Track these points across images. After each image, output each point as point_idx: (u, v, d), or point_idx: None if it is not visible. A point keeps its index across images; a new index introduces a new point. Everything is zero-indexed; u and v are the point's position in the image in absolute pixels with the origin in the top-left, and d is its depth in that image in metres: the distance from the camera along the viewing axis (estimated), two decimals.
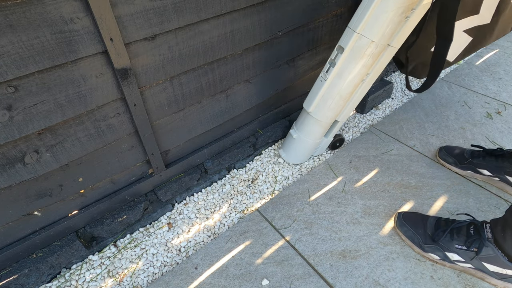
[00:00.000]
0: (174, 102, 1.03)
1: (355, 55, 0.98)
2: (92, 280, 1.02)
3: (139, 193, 1.13)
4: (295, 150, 1.32)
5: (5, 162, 0.78)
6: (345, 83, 1.05)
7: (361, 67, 1.00)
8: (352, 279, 0.95)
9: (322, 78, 1.08)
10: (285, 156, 1.38)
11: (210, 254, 1.04)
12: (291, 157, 1.36)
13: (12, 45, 0.66)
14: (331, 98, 1.10)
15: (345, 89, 1.07)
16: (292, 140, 1.30)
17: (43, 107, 0.77)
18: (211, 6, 0.92)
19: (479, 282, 0.93)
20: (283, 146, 1.39)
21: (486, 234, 0.88)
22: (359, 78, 1.04)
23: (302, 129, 1.26)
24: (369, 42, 0.94)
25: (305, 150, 1.31)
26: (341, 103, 1.12)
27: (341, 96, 1.09)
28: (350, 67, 1.01)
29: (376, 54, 0.98)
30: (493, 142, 1.39)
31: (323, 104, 1.13)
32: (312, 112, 1.17)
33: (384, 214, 1.12)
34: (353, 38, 0.96)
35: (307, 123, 1.22)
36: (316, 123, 1.20)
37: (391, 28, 0.92)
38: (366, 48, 0.96)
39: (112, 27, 0.76)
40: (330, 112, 1.14)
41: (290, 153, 1.35)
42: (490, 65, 1.97)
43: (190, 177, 1.22)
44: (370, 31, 0.93)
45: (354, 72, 1.02)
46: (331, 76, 1.05)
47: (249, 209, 1.22)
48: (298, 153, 1.33)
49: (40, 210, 0.93)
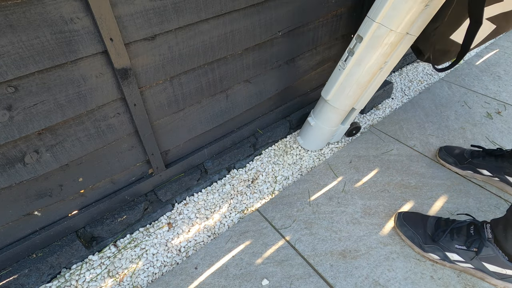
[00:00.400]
0: (174, 102, 1.03)
1: (374, 44, 0.99)
2: (92, 280, 1.02)
3: (139, 193, 1.13)
4: (313, 137, 1.35)
5: (5, 162, 0.78)
6: (363, 72, 1.06)
7: (379, 56, 1.01)
8: (352, 279, 0.95)
9: (341, 67, 1.10)
10: (303, 143, 1.41)
11: (210, 254, 1.04)
12: (309, 144, 1.39)
13: (12, 45, 0.66)
14: (349, 87, 1.11)
15: (363, 77, 1.08)
16: (310, 127, 1.33)
17: (43, 107, 0.77)
18: (211, 6, 0.92)
19: (479, 282, 0.93)
20: (301, 133, 1.42)
21: (486, 234, 0.88)
22: (377, 66, 1.05)
23: (319, 117, 1.28)
24: (388, 31, 0.95)
25: (323, 137, 1.35)
26: (358, 91, 1.13)
27: (359, 84, 1.10)
28: (369, 56, 1.02)
29: (395, 43, 0.99)
30: (493, 142, 1.39)
31: (341, 92, 1.14)
32: (330, 100, 1.19)
33: (384, 214, 1.12)
34: (372, 28, 0.96)
35: (325, 110, 1.24)
36: (333, 111, 1.22)
37: (411, 17, 0.92)
38: (385, 37, 0.96)
39: (112, 27, 0.76)
40: (348, 100, 1.16)
41: (308, 140, 1.38)
42: (490, 65, 1.97)
43: (190, 177, 1.22)
44: (389, 20, 0.93)
45: (373, 60, 1.03)
46: (350, 65, 1.06)
47: (249, 209, 1.22)
48: (316, 140, 1.36)
49: (40, 210, 0.93)
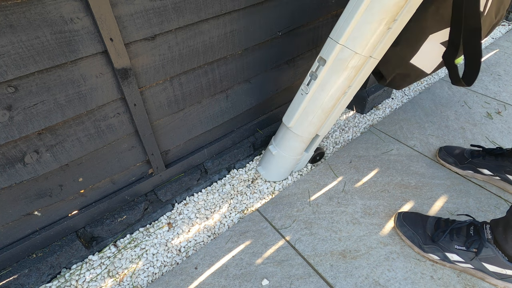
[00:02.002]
0: (174, 102, 1.03)
1: (337, 68, 0.95)
2: (92, 280, 1.02)
3: (139, 193, 1.13)
4: (275, 166, 1.26)
5: (5, 162, 0.78)
6: (327, 97, 1.01)
7: (344, 80, 0.97)
8: (352, 279, 0.95)
9: (303, 91, 1.04)
10: (264, 174, 1.31)
11: (210, 254, 1.04)
12: (271, 174, 1.30)
13: (12, 45, 0.66)
14: (312, 112, 1.06)
15: (327, 103, 1.03)
16: (271, 156, 1.24)
17: (43, 107, 0.77)
18: (211, 6, 0.92)
19: (479, 282, 0.93)
20: (262, 163, 1.32)
21: (486, 235, 0.88)
22: (341, 91, 1.01)
23: (281, 145, 1.20)
24: (353, 54, 0.91)
25: (285, 167, 1.26)
26: (322, 117, 1.08)
27: (323, 110, 1.05)
28: (333, 79, 0.97)
29: (359, 66, 0.95)
30: (493, 142, 1.39)
31: (304, 119, 1.08)
32: (293, 127, 1.12)
33: (384, 214, 1.12)
34: (336, 50, 0.92)
35: (287, 138, 1.17)
36: (296, 139, 1.15)
37: (374, 39, 0.89)
38: (349, 60, 0.93)
39: (112, 27, 0.76)
40: (311, 126, 1.10)
41: (269, 170, 1.29)
42: (490, 65, 1.97)
43: (190, 177, 1.22)
44: (353, 42, 0.90)
45: (337, 84, 0.98)
46: (313, 89, 1.01)
47: (249, 209, 1.22)
48: (278, 170, 1.27)
49: (40, 210, 0.93)
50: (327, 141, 1.51)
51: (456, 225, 0.94)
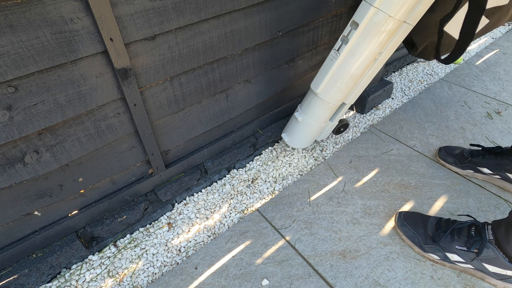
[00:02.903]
0: (174, 102, 1.03)
1: (370, 31, 0.94)
2: (92, 280, 1.02)
3: (139, 193, 1.13)
4: (299, 133, 1.27)
5: (5, 162, 0.78)
6: (357, 62, 1.00)
7: (375, 45, 0.96)
8: (352, 279, 0.95)
9: (333, 56, 1.03)
10: (288, 140, 1.33)
11: (210, 254, 1.04)
12: (295, 141, 1.31)
13: (12, 45, 0.66)
14: (341, 78, 1.05)
15: (357, 69, 1.02)
16: (296, 123, 1.25)
17: (43, 107, 0.77)
18: (211, 6, 0.92)
19: (479, 282, 0.93)
20: (286, 129, 1.34)
21: (487, 235, 0.88)
22: (372, 56, 0.99)
23: (307, 112, 1.20)
24: (386, 18, 0.90)
25: (310, 134, 1.27)
26: (351, 83, 1.07)
27: (351, 76, 1.04)
28: (364, 44, 0.96)
29: (392, 31, 0.94)
30: (493, 142, 1.39)
31: (332, 85, 1.08)
32: (320, 93, 1.11)
33: (384, 214, 1.12)
34: (370, 13, 0.91)
35: (314, 105, 1.17)
36: (323, 105, 1.15)
37: (410, 3, 0.88)
38: (382, 24, 0.91)
39: (112, 27, 0.76)
40: (339, 93, 1.10)
41: (293, 136, 1.30)
42: (490, 65, 1.97)
43: (190, 177, 1.22)
44: (388, 5, 0.88)
45: (368, 49, 0.97)
46: (343, 54, 1.00)
47: (249, 209, 1.22)
48: (302, 137, 1.28)
49: (40, 210, 0.93)
50: (327, 141, 1.51)
51: (458, 226, 0.94)
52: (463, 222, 0.94)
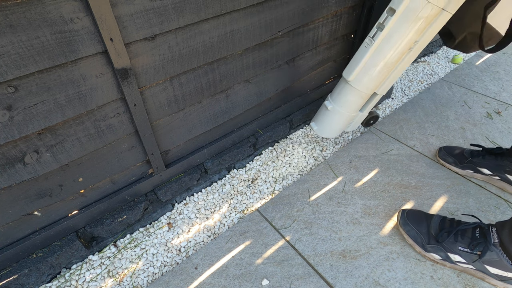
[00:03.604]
0: (174, 102, 1.03)
1: (407, 18, 0.92)
2: (92, 280, 1.02)
3: (139, 193, 1.13)
4: (329, 122, 1.27)
5: (5, 162, 0.78)
6: (392, 49, 0.99)
7: (411, 32, 0.94)
8: (352, 279, 0.95)
9: (367, 44, 1.02)
10: (317, 129, 1.32)
11: (210, 254, 1.04)
12: (324, 130, 1.30)
13: (12, 45, 0.66)
14: (374, 66, 1.04)
15: (392, 56, 1.00)
16: (326, 112, 1.25)
17: (43, 107, 0.77)
18: (211, 6, 0.92)
19: (479, 282, 0.93)
20: (316, 118, 1.33)
21: (492, 238, 0.87)
22: (407, 44, 0.98)
23: (338, 100, 1.20)
24: (425, 3, 0.88)
25: (340, 123, 1.26)
26: (384, 72, 1.05)
27: (386, 64, 1.02)
28: (400, 31, 0.95)
29: (430, 18, 0.92)
30: (493, 142, 1.39)
31: (365, 72, 1.07)
32: (352, 81, 1.10)
33: (384, 214, 1.12)
34: None
35: (345, 93, 1.16)
36: (355, 94, 1.14)
37: None
38: (420, 10, 0.90)
39: (112, 27, 0.76)
40: (371, 82, 1.08)
41: (323, 125, 1.29)
42: (490, 65, 1.97)
43: (190, 177, 1.22)
44: None
45: (404, 37, 0.95)
46: (378, 41, 0.99)
47: (249, 209, 1.22)
48: (332, 126, 1.28)
49: (40, 210, 0.93)
50: (327, 141, 1.51)
51: (463, 227, 0.93)
52: (469, 224, 0.93)
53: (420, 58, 2.18)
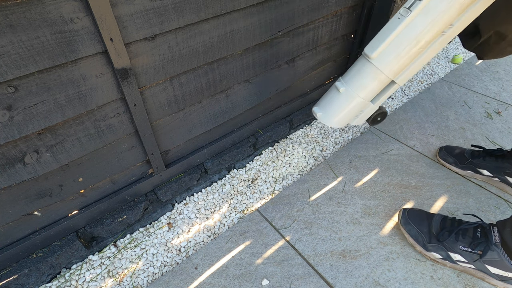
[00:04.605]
0: (174, 102, 1.03)
1: None
2: (92, 280, 1.02)
3: (139, 193, 1.13)
4: (338, 107, 1.08)
5: (5, 162, 0.78)
6: (429, 25, 0.87)
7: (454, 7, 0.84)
8: (352, 279, 0.95)
9: (401, 15, 0.90)
10: (321, 116, 1.12)
11: (210, 254, 1.04)
12: (330, 117, 1.11)
13: (12, 45, 0.66)
14: (405, 42, 0.91)
15: (425, 34, 0.89)
16: (337, 94, 1.07)
17: (43, 107, 0.77)
18: (211, 6, 0.92)
19: (479, 282, 0.93)
20: (321, 103, 1.14)
21: (493, 238, 0.87)
22: (445, 23, 0.87)
23: (353, 81, 1.03)
24: None
25: (350, 111, 1.08)
26: (413, 53, 0.93)
27: (418, 42, 0.90)
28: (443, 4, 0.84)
29: None
30: (493, 142, 1.39)
31: (392, 49, 0.93)
32: (375, 58, 0.96)
33: (384, 214, 1.12)
34: None
35: (364, 73, 1.00)
36: (375, 75, 0.99)
37: None
38: None
39: (112, 27, 0.76)
40: (397, 62, 0.95)
41: (330, 111, 1.10)
42: (490, 65, 1.97)
43: (190, 177, 1.22)
44: None
45: (445, 12, 0.84)
46: (415, 12, 0.87)
47: (249, 209, 1.22)
48: (341, 113, 1.09)
49: (40, 210, 0.93)
50: (327, 141, 1.51)
51: (464, 226, 0.93)
52: (470, 223, 0.93)
53: None
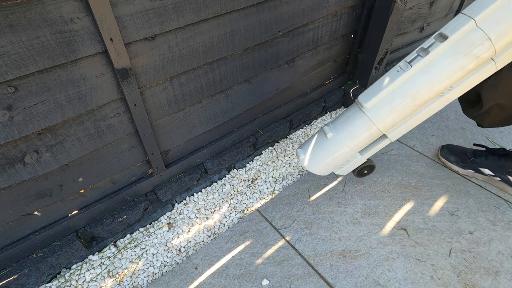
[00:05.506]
0: (174, 102, 1.03)
1: (458, 51, 0.79)
2: (92, 280, 1.02)
3: (139, 193, 1.13)
4: (323, 154, 1.03)
5: (5, 162, 0.78)
6: (429, 83, 0.84)
7: (457, 69, 0.81)
8: (352, 279, 0.95)
9: (401, 68, 0.88)
10: (303, 159, 1.07)
11: (210, 254, 1.04)
12: (313, 163, 1.05)
13: (12, 45, 0.66)
14: (401, 97, 0.88)
15: (424, 92, 0.86)
16: (323, 139, 1.03)
17: (43, 107, 0.77)
18: (211, 6, 0.92)
19: (479, 282, 0.93)
20: (305, 145, 1.09)
21: None
22: (446, 83, 0.84)
23: (342, 128, 0.99)
24: (484, 39, 0.76)
25: (335, 159, 1.03)
26: (409, 109, 0.90)
27: (414, 99, 0.87)
28: (445, 63, 0.81)
29: (480, 61, 0.80)
30: (493, 142, 1.39)
31: (387, 102, 0.90)
32: (368, 108, 0.93)
33: (384, 214, 1.12)
34: (466, 27, 0.77)
35: (354, 122, 0.97)
36: (366, 126, 0.95)
37: None
38: (476, 46, 0.78)
39: (112, 27, 0.76)
40: (391, 116, 0.91)
41: (314, 156, 1.05)
42: None
43: (190, 177, 1.22)
44: (491, 25, 0.75)
45: (447, 72, 0.82)
46: (416, 67, 0.85)
47: (249, 209, 1.22)
48: (325, 160, 1.04)
49: (40, 210, 0.93)
50: None
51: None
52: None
53: None
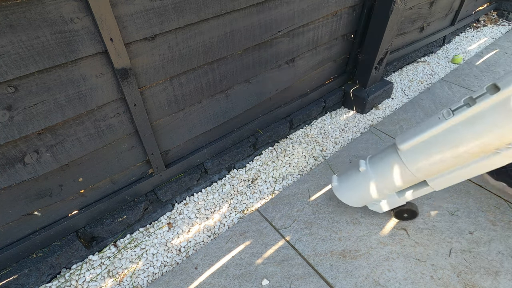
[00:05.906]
0: (174, 102, 1.03)
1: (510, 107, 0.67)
2: (92, 280, 1.02)
3: (139, 193, 1.13)
4: (354, 186, 1.01)
5: (5, 162, 0.78)
6: (473, 138, 0.74)
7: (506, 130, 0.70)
8: (352, 279, 0.95)
9: (443, 115, 0.78)
10: (336, 187, 1.07)
11: (210, 254, 1.04)
12: (344, 192, 1.05)
13: (12, 45, 0.66)
14: (438, 147, 0.79)
15: (464, 147, 0.76)
16: (356, 173, 1.01)
17: (43, 107, 0.77)
18: (211, 6, 0.92)
19: (479, 282, 0.93)
20: (342, 175, 1.08)
21: None
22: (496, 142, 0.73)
23: (376, 166, 0.95)
24: None
25: (365, 195, 1.00)
26: (448, 162, 0.81)
27: (453, 152, 0.78)
28: (491, 120, 0.70)
29: None
30: None
31: (423, 149, 0.82)
32: (403, 151, 0.86)
33: (384, 214, 1.12)
34: None
35: (388, 161, 0.91)
36: (399, 169, 0.89)
37: None
38: None
39: (112, 27, 0.76)
40: (425, 164, 0.83)
41: (345, 186, 1.04)
42: (490, 65, 1.97)
43: (190, 177, 1.22)
44: None
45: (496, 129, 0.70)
46: (458, 118, 0.75)
47: (249, 209, 1.22)
48: (355, 193, 1.02)
49: (40, 210, 0.93)
50: (327, 141, 1.51)
51: None
52: None
53: (420, 58, 2.18)
